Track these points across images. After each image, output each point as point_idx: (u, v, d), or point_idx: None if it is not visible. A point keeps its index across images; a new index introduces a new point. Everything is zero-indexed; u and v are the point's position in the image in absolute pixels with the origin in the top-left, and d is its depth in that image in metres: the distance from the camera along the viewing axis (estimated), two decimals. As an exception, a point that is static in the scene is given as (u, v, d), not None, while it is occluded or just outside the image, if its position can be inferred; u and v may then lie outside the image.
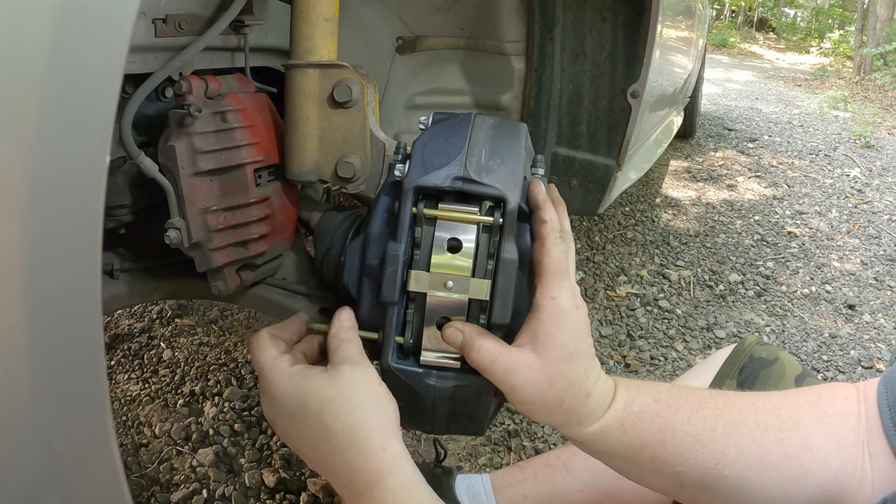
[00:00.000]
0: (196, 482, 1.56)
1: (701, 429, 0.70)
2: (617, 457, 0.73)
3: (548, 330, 0.67)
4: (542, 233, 0.71)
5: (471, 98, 1.56)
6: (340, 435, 0.66)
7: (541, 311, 0.68)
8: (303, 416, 0.68)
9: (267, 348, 0.73)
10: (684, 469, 0.70)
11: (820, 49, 18.62)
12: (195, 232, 0.90)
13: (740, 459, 0.70)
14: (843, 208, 3.90)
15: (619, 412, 0.71)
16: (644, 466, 0.72)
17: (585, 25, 1.42)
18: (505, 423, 1.82)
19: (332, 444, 0.66)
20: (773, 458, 0.69)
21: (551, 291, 0.68)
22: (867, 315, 2.62)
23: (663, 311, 2.53)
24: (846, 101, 8.46)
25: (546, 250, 0.69)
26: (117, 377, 1.96)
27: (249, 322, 2.25)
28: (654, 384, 0.77)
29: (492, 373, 0.68)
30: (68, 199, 0.39)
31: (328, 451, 0.67)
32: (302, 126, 0.93)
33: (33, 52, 0.36)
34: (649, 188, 4.04)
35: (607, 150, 1.48)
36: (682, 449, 0.70)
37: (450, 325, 0.71)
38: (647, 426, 0.71)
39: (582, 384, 0.69)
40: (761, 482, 0.69)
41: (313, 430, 0.67)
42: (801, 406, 0.74)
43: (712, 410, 0.72)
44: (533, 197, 0.74)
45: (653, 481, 0.75)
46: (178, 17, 0.88)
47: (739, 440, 0.70)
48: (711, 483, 0.70)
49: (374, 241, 0.75)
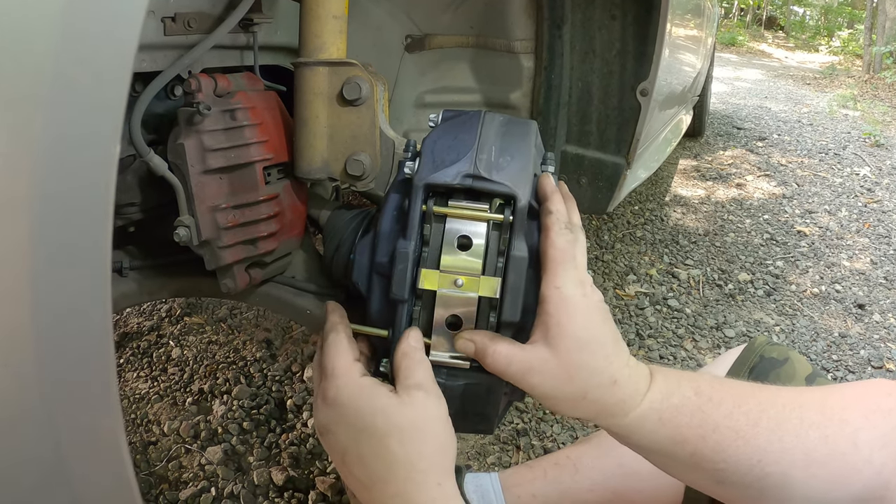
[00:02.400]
0: (204, 480, 1.56)
1: (744, 424, 0.68)
2: (655, 451, 0.71)
3: (557, 321, 0.66)
4: (546, 223, 0.70)
5: (480, 96, 1.56)
6: (402, 463, 0.64)
7: (547, 302, 0.67)
8: (367, 434, 0.65)
9: (346, 352, 0.70)
10: (726, 466, 0.68)
11: (829, 47, 18.52)
12: (204, 230, 0.90)
13: (784, 456, 0.67)
14: (852, 207, 3.88)
15: (658, 404, 0.69)
16: (683, 462, 0.70)
17: (594, 23, 1.41)
18: (514, 421, 1.81)
19: (391, 471, 0.64)
20: (818, 455, 0.67)
21: (555, 281, 0.67)
22: (877, 314, 2.60)
23: (672, 311, 2.52)
24: (855, 100, 8.41)
25: (550, 240, 0.68)
26: (126, 375, 1.97)
27: (258, 320, 2.26)
28: (693, 375, 0.74)
29: (510, 375, 0.67)
30: (78, 197, 0.39)
31: (384, 476, 0.64)
32: (311, 124, 0.93)
33: (42, 48, 0.36)
34: (659, 187, 4.03)
35: (617, 149, 1.48)
36: (724, 445, 0.67)
37: (459, 337, 0.70)
38: (687, 420, 0.68)
39: (604, 372, 0.67)
40: (805, 480, 0.67)
41: (373, 452, 0.65)
42: (847, 402, 0.72)
43: (755, 405, 0.70)
44: (541, 189, 0.73)
45: (692, 477, 0.73)
46: (187, 16, 0.88)
47: (784, 436, 0.68)
48: (753, 480, 0.68)
49: (383, 239, 0.75)
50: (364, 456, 0.65)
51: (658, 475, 1.13)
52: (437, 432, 0.66)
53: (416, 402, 0.66)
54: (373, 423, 0.65)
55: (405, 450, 0.64)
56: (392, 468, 0.64)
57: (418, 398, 0.66)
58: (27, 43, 0.36)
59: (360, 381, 0.68)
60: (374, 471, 0.65)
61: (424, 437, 0.65)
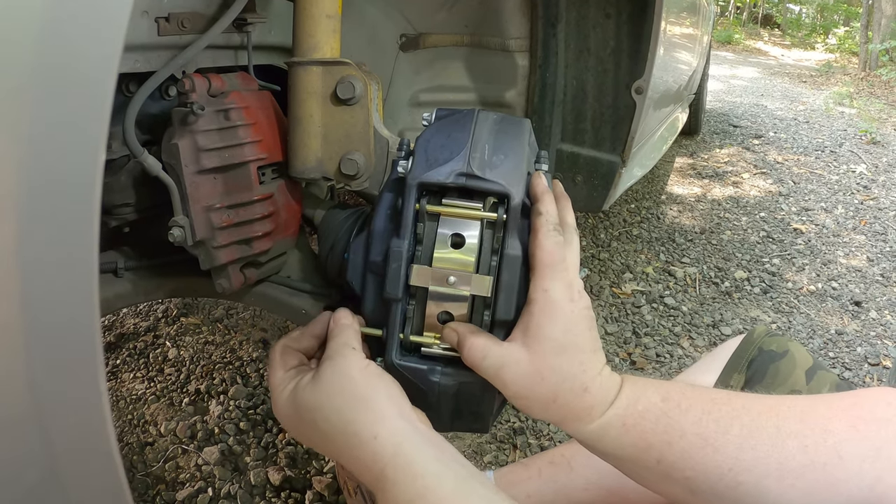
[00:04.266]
0: (201, 480, 1.56)
1: (713, 431, 0.67)
2: (621, 458, 0.71)
3: (538, 323, 0.66)
4: (535, 224, 0.69)
5: (475, 95, 1.56)
6: (338, 436, 0.64)
7: (532, 304, 0.67)
8: (306, 427, 0.67)
9: (276, 368, 0.73)
10: (694, 474, 0.67)
11: (825, 45, 18.55)
12: (199, 230, 0.90)
13: (757, 465, 0.66)
14: (849, 205, 3.88)
15: (622, 410, 0.68)
16: (651, 469, 0.69)
17: (589, 21, 1.42)
18: (510, 420, 1.81)
19: (338, 446, 0.65)
20: (794, 465, 0.65)
21: (543, 284, 0.67)
22: (874, 312, 2.61)
23: (669, 309, 2.53)
24: (852, 97, 8.42)
25: (538, 242, 0.68)
26: (123, 376, 1.96)
27: (254, 320, 2.26)
28: (664, 382, 0.73)
29: (483, 369, 0.67)
30: (64, 197, 0.39)
31: (337, 452, 0.65)
32: (305, 123, 0.93)
33: (24, 47, 0.36)
34: (654, 185, 4.04)
35: (612, 147, 1.48)
36: (692, 452, 0.66)
37: (447, 326, 0.70)
38: (651, 426, 0.68)
39: (577, 378, 0.67)
40: (782, 491, 0.66)
41: (319, 438, 0.66)
42: (833, 411, 0.70)
43: (727, 413, 0.69)
44: (533, 189, 0.73)
45: (663, 487, 0.71)
46: (180, 16, 0.88)
47: (757, 445, 0.66)
48: (725, 489, 0.67)
49: (377, 238, 0.75)
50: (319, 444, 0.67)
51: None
52: (350, 393, 0.65)
53: (323, 377, 0.67)
54: (300, 417, 0.67)
55: (331, 424, 0.64)
56: (337, 443, 0.64)
57: (325, 371, 0.67)
58: (7, 40, 0.36)
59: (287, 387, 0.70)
60: (332, 451, 0.66)
61: (340, 405, 0.64)
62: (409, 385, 0.72)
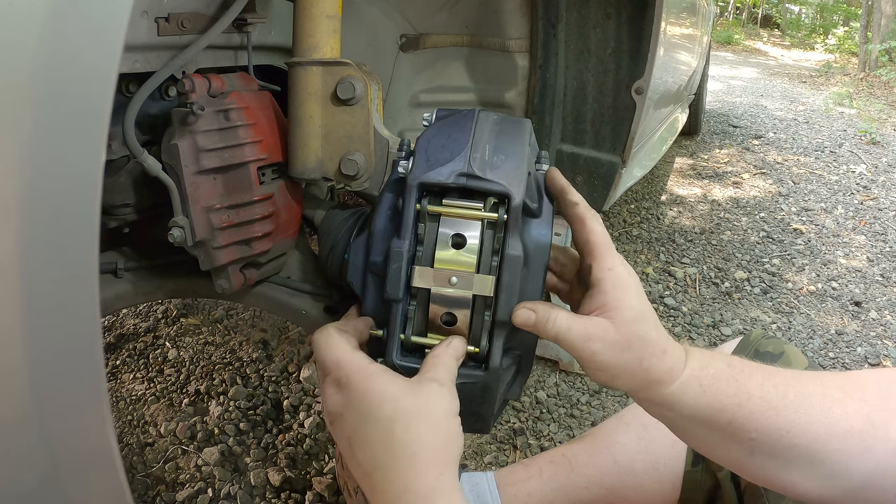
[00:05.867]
0: (201, 481, 1.56)
1: (774, 395, 0.71)
2: (696, 419, 0.74)
3: (615, 297, 0.70)
4: (578, 214, 0.74)
5: (475, 95, 1.56)
6: (405, 449, 0.64)
7: (602, 282, 0.71)
8: (374, 418, 0.66)
9: (339, 342, 0.72)
10: (758, 435, 0.71)
11: (825, 45, 18.55)
12: (199, 230, 0.90)
13: (809, 429, 0.70)
14: (848, 205, 3.88)
15: (698, 371, 0.72)
16: (721, 430, 0.73)
17: (589, 22, 1.41)
18: (511, 421, 1.81)
19: (394, 457, 0.64)
20: (838, 430, 0.70)
21: (607, 263, 0.72)
22: (874, 312, 2.61)
23: (669, 309, 2.53)
24: (851, 98, 8.42)
25: (590, 229, 0.73)
26: (123, 376, 1.96)
27: (254, 321, 2.26)
28: (721, 353, 0.79)
29: (570, 340, 0.70)
30: (64, 198, 0.39)
31: (386, 461, 0.65)
32: (305, 124, 0.93)
33: (25, 48, 0.36)
34: (654, 185, 4.03)
35: (612, 147, 1.48)
36: (757, 414, 0.71)
37: (520, 307, 0.71)
38: (724, 387, 0.72)
39: (657, 342, 0.71)
40: (827, 454, 0.70)
41: (378, 436, 0.65)
42: (865, 384, 0.75)
43: (781, 380, 0.73)
44: (556, 183, 0.76)
45: (724, 449, 0.75)
46: (180, 16, 0.88)
47: (808, 410, 0.71)
48: (782, 450, 0.71)
49: (378, 239, 0.75)
50: (370, 440, 0.66)
51: (653, 472, 1.13)
52: (444, 425, 0.66)
53: (426, 392, 0.66)
54: (380, 407, 0.66)
55: (409, 437, 0.64)
56: (395, 454, 0.64)
57: (431, 388, 0.67)
58: (8, 41, 0.36)
59: (369, 367, 0.69)
60: (378, 456, 0.65)
61: (430, 427, 0.65)
62: (410, 385, 0.72)
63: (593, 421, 1.84)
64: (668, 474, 1.12)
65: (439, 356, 0.70)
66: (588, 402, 1.92)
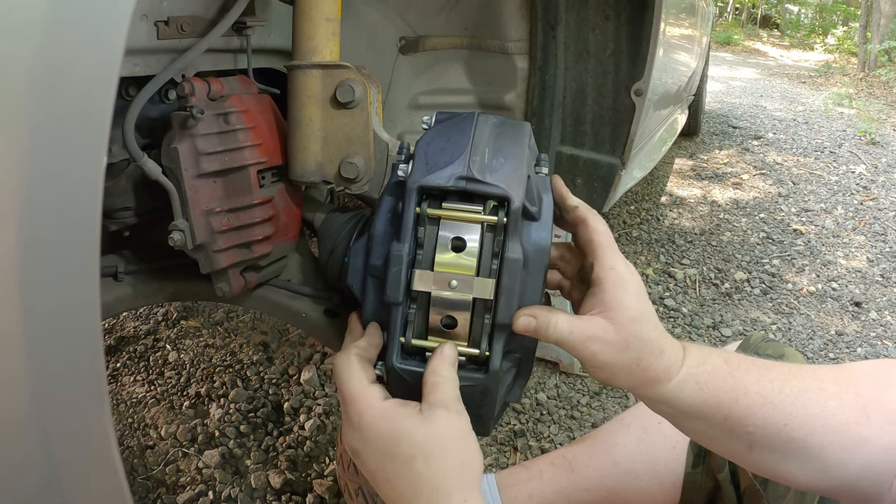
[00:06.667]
0: (202, 484, 1.56)
1: (770, 390, 0.73)
2: (694, 415, 0.75)
3: (614, 297, 0.71)
4: (580, 216, 0.76)
5: (474, 97, 1.56)
6: (427, 483, 0.66)
7: (603, 281, 0.72)
8: (391, 455, 0.68)
9: (357, 375, 0.72)
10: (755, 429, 0.72)
11: (824, 45, 18.56)
12: (199, 234, 0.90)
13: (806, 422, 0.71)
14: (848, 205, 3.88)
15: (695, 369, 0.74)
16: (718, 425, 0.74)
17: (588, 23, 1.42)
18: (511, 423, 1.81)
19: (417, 492, 0.66)
20: (834, 423, 0.71)
21: (608, 262, 0.73)
22: (874, 312, 2.61)
23: (669, 310, 2.53)
24: (851, 98, 8.43)
25: (592, 228, 0.75)
26: (123, 379, 1.96)
27: (255, 324, 2.26)
28: (719, 349, 0.80)
29: (571, 342, 0.71)
30: (65, 202, 0.39)
31: (411, 497, 0.67)
32: (305, 127, 0.93)
33: (26, 52, 0.36)
34: (654, 186, 4.04)
35: (611, 149, 1.48)
36: (754, 409, 0.72)
37: (521, 313, 0.72)
38: (720, 383, 0.73)
39: (655, 341, 0.72)
40: (823, 447, 0.71)
41: (400, 473, 0.67)
42: (860, 378, 0.76)
43: (778, 374, 0.75)
44: (555, 190, 0.78)
45: (725, 443, 0.77)
46: (180, 19, 0.88)
47: (805, 403, 0.72)
48: (780, 444, 0.72)
49: (377, 242, 0.75)
50: (391, 478, 0.68)
51: (653, 474, 1.13)
52: (459, 449, 0.68)
53: (437, 421, 0.68)
54: (397, 446, 0.68)
55: (430, 470, 0.66)
56: (418, 488, 0.66)
57: (440, 417, 0.68)
58: (9, 46, 0.36)
59: (382, 405, 0.70)
60: (402, 492, 0.67)
61: (447, 456, 0.67)
62: (411, 389, 0.73)
63: (594, 422, 1.84)
64: (669, 476, 1.12)
65: (438, 371, 0.71)
66: (588, 403, 1.92)
